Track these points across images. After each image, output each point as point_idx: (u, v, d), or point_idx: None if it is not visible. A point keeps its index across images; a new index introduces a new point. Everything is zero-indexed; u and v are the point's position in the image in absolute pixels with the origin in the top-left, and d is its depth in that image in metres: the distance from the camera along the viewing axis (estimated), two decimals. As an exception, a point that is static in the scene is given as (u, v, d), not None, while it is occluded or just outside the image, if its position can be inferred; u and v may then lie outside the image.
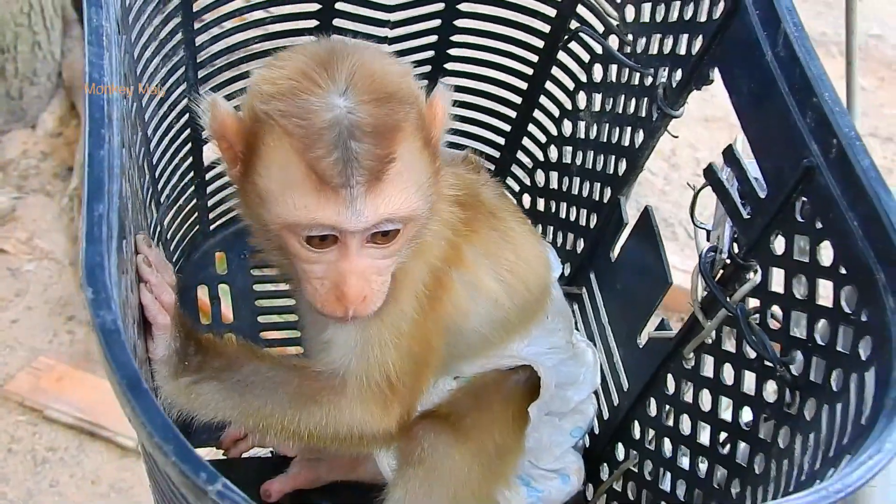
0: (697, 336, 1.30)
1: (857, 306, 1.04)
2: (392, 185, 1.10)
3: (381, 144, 1.08)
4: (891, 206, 1.02)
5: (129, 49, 1.30)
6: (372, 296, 1.16)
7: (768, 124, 1.18)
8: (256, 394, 1.26)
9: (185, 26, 1.47)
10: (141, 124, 1.40)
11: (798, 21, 1.16)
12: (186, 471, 0.79)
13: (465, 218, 1.32)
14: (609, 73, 1.54)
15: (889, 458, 0.89)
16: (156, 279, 1.17)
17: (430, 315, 1.30)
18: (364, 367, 1.27)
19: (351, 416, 1.28)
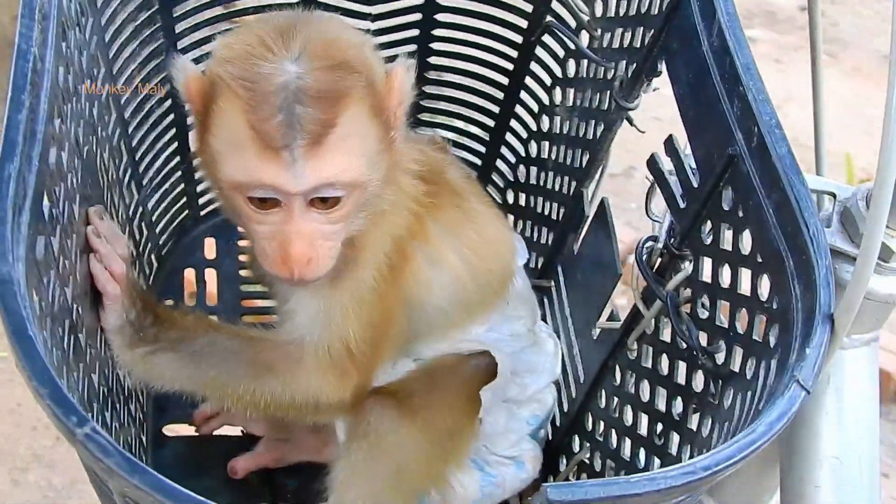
0: (638, 326, 1.31)
1: (770, 294, 1.05)
2: (333, 150, 1.12)
3: (325, 110, 1.11)
4: (801, 192, 1.02)
5: (98, 32, 1.35)
6: (317, 260, 1.18)
7: (701, 113, 1.19)
8: (212, 363, 1.29)
9: (164, 13, 1.51)
10: (116, 106, 1.45)
11: (732, 10, 1.17)
12: (59, 413, 0.82)
13: (428, 192, 1.34)
14: (580, 68, 1.56)
15: (755, 443, 0.89)
16: (105, 249, 1.21)
17: (391, 285, 1.32)
18: (324, 335, 1.29)
19: (307, 384, 1.31)
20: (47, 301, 0.99)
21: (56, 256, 1.04)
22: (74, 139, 1.16)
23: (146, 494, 0.80)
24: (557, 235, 1.61)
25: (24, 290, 0.89)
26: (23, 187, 0.94)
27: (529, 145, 1.73)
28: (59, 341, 1.02)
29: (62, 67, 1.10)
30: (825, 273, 0.98)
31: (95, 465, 0.82)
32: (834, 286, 0.98)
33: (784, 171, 1.04)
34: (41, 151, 0.98)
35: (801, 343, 0.96)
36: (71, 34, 1.18)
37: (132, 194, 1.56)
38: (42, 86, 1.01)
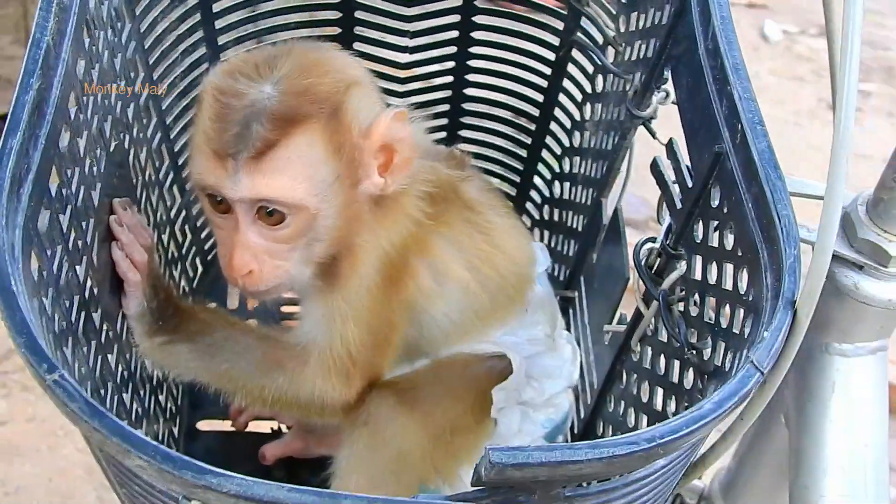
0: (639, 326, 1.32)
1: (746, 286, 1.06)
2: (273, 169, 1.19)
3: (274, 130, 1.18)
4: (776, 185, 1.04)
5: (136, 38, 1.43)
6: (259, 274, 1.25)
7: (696, 115, 1.21)
8: (225, 357, 1.36)
9: (206, 25, 1.59)
10: (157, 110, 1.53)
11: (726, 14, 1.19)
12: (32, 361, 0.88)
13: (436, 212, 1.39)
14: (607, 83, 1.59)
15: (702, 419, 0.90)
16: (127, 238, 1.28)
17: (392, 295, 1.37)
18: (326, 338, 1.35)
19: (312, 385, 1.36)
20: (49, 271, 1.05)
21: (65, 233, 1.10)
22: (98, 131, 1.23)
23: (105, 438, 0.85)
24: (580, 246, 1.63)
25: (17, 253, 0.95)
26: (25, 161, 1.00)
27: (563, 161, 1.77)
28: (64, 312, 1.08)
29: (83, 61, 1.17)
30: (792, 262, 0.98)
31: (62, 410, 0.87)
32: (799, 275, 0.98)
33: (762, 164, 1.05)
34: (49, 132, 1.04)
35: (763, 329, 0.97)
36: (99, 33, 1.25)
37: (174, 197, 1.64)
38: (56, 73, 1.08)
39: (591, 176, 1.61)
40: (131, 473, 0.96)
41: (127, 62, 1.39)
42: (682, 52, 1.27)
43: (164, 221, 1.59)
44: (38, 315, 0.97)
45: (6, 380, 2.69)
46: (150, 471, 0.84)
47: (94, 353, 1.19)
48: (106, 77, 1.28)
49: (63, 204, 1.10)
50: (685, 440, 0.90)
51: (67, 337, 1.09)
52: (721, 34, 1.17)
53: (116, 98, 1.33)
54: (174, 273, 1.66)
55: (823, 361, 1.25)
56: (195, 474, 0.83)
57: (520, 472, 0.86)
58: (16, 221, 0.97)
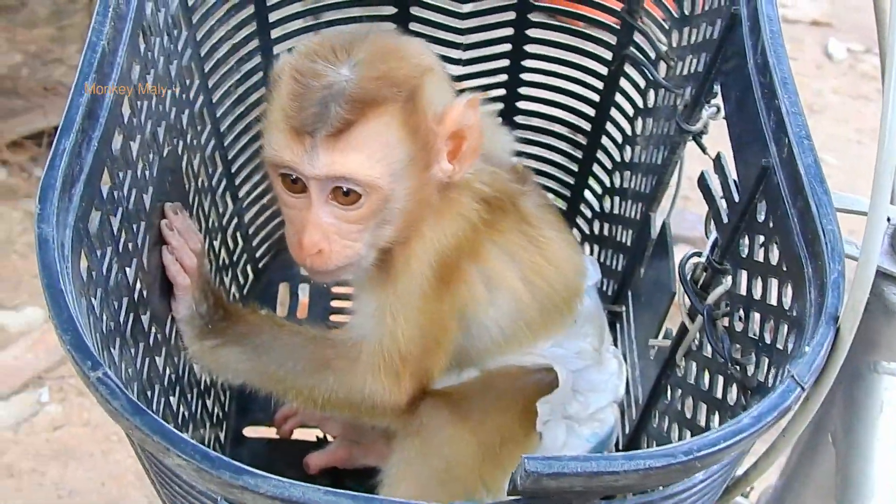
0: (684, 341, 1.31)
1: (791, 301, 1.05)
2: (351, 147, 1.22)
3: (352, 110, 1.20)
4: (822, 199, 1.03)
5: (192, 45, 1.46)
6: (328, 254, 1.27)
7: (744, 129, 1.20)
8: (273, 358, 1.37)
9: (262, 35, 1.61)
10: (211, 119, 1.56)
11: (776, 28, 1.18)
12: (77, 358, 0.89)
13: (491, 218, 1.40)
14: (658, 97, 1.58)
15: (741, 433, 0.89)
16: (177, 242, 1.31)
17: (444, 297, 1.38)
18: (377, 335, 1.35)
19: (362, 384, 1.37)
20: (99, 272, 1.07)
21: (116, 235, 1.13)
22: (151, 135, 1.26)
23: (146, 436, 0.86)
24: (628, 260, 1.63)
25: (67, 252, 0.97)
26: (78, 162, 1.02)
27: (614, 176, 1.76)
28: (112, 313, 1.10)
29: (138, 66, 1.19)
30: (836, 277, 0.97)
31: (105, 408, 0.89)
32: (843, 290, 0.97)
33: (808, 179, 1.04)
34: (102, 135, 1.07)
35: (805, 344, 0.96)
36: (155, 40, 1.27)
37: (226, 204, 1.66)
38: (110, 77, 1.11)
39: (640, 191, 1.60)
40: (171, 474, 0.97)
41: (182, 69, 1.41)
42: (731, 67, 1.27)
43: (216, 228, 1.61)
44: (85, 314, 0.99)
45: (63, 384, 2.73)
46: (188, 470, 0.86)
47: (141, 355, 1.21)
48: (161, 83, 1.31)
49: (114, 206, 1.13)
50: (723, 454, 0.89)
51: (115, 338, 1.11)
52: (770, 49, 1.16)
53: (171, 104, 1.35)
54: (224, 279, 1.68)
55: (871, 380, 1.24)
56: (233, 474, 0.84)
57: (556, 481, 0.86)
58: (67, 221, 0.99)
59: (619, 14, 1.63)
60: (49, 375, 2.75)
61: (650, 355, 1.47)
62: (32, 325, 2.88)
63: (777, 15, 1.20)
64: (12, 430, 2.62)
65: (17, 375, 2.73)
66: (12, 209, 3.25)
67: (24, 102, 3.43)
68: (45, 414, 2.67)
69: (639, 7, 1.60)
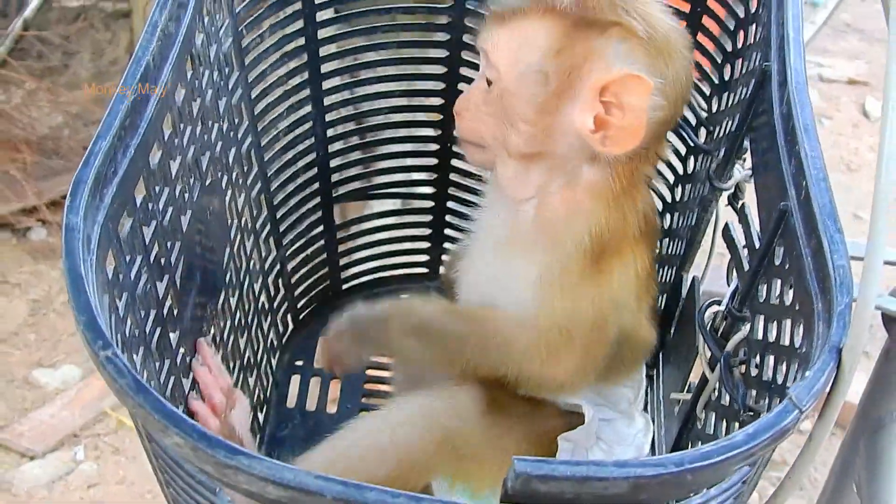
0: (704, 391, 1.31)
1: (801, 339, 1.06)
2: (501, 31, 1.32)
3: (529, 8, 1.31)
4: (834, 237, 1.04)
5: (244, 86, 1.52)
6: (464, 120, 1.40)
7: (766, 176, 1.22)
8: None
9: (313, 83, 1.67)
10: (259, 161, 1.61)
11: (801, 79, 1.20)
12: (89, 338, 0.92)
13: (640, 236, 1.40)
14: (697, 162, 1.61)
15: (733, 449, 0.89)
16: (208, 379, 1.35)
17: (601, 282, 1.36)
18: (540, 309, 1.35)
19: (524, 361, 1.37)
20: (126, 276, 1.11)
21: (147, 246, 1.17)
22: (193, 161, 1.31)
23: (147, 414, 0.89)
24: (660, 322, 1.63)
25: (93, 246, 1.02)
26: (112, 165, 1.07)
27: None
28: (137, 320, 1.14)
29: (183, 90, 1.25)
30: (842, 309, 0.98)
31: (111, 387, 0.92)
32: (848, 322, 0.97)
33: (822, 217, 1.05)
34: (139, 143, 1.12)
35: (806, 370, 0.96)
36: (204, 70, 1.33)
37: (269, 249, 1.70)
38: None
39: (675, 254, 1.61)
40: (174, 463, 0.99)
41: (232, 107, 1.46)
42: (760, 122, 1.29)
43: (257, 271, 1.65)
44: (106, 309, 1.02)
45: (98, 442, 2.78)
46: (185, 448, 0.87)
47: (166, 372, 1.23)
48: (208, 115, 1.36)
49: (147, 216, 1.17)
50: (716, 468, 0.89)
51: (139, 346, 1.14)
52: (795, 98, 1.18)
53: (217, 137, 1.40)
54: (263, 325, 1.71)
55: (893, 429, 1.23)
56: (227, 454, 0.86)
57: (545, 484, 0.86)
58: (96, 217, 1.04)
59: (663, 82, 1.66)
60: (85, 433, 2.81)
61: (674, 411, 1.47)
62: (69, 384, 2.94)
63: (804, 67, 1.22)
64: (47, 489, 2.65)
65: (53, 433, 2.78)
66: (51, 268, 3.35)
67: (64, 163, 3.55)
68: (80, 472, 2.70)
69: (681, 75, 1.62)
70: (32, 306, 3.24)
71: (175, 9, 1.24)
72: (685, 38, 1.37)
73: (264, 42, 1.55)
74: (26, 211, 3.49)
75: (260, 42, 1.54)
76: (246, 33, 1.50)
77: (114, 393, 0.92)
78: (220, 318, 1.44)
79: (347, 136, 1.78)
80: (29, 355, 3.06)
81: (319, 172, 1.75)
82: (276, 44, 1.58)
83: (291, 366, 1.84)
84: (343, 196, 1.83)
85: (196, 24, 1.29)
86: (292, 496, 0.85)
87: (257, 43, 1.53)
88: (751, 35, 1.42)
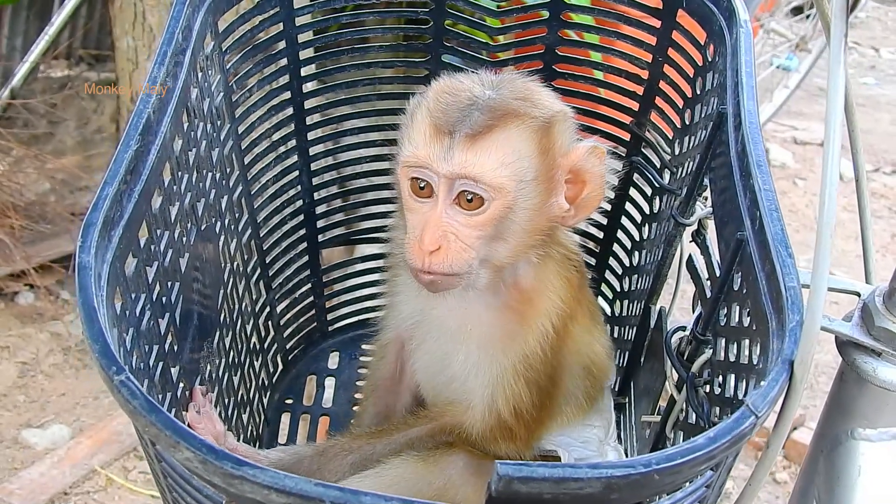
0: (672, 412, 1.40)
1: (759, 356, 1.14)
2: (486, 149, 1.31)
3: (492, 117, 1.32)
4: (786, 261, 1.12)
5: (234, 138, 1.61)
6: (447, 253, 1.33)
7: (724, 210, 1.31)
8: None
9: (299, 135, 1.76)
10: (249, 209, 1.70)
11: (754, 120, 1.30)
12: (103, 364, 1.00)
13: (577, 282, 1.50)
14: (662, 201, 1.70)
15: (694, 452, 0.97)
16: (202, 427, 1.41)
17: (556, 351, 1.45)
18: (491, 397, 1.44)
19: (481, 441, 1.48)
20: (132, 312, 1.19)
21: (150, 285, 1.25)
22: (190, 207, 1.39)
23: (159, 431, 0.96)
24: (631, 353, 1.72)
25: (103, 283, 1.09)
26: (119, 209, 1.16)
27: (623, 280, 1.87)
28: (142, 353, 1.22)
29: (180, 140, 1.34)
30: (793, 326, 1.06)
31: (125, 408, 0.99)
32: (799, 337, 1.06)
33: (775, 245, 1.14)
34: (143, 190, 1.20)
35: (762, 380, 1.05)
36: (199, 123, 1.42)
37: (260, 291, 1.79)
38: (154, 141, 1.25)
39: (641, 289, 1.71)
40: (182, 480, 1.06)
41: (223, 157, 1.55)
42: (718, 162, 1.39)
43: (249, 313, 1.73)
44: (115, 340, 1.10)
45: (87, 500, 2.85)
46: (195, 462, 0.95)
47: (168, 404, 1.31)
48: (203, 164, 1.45)
49: (150, 258, 1.25)
50: (680, 469, 0.97)
51: (144, 378, 1.22)
52: (749, 138, 1.28)
53: (211, 185, 1.49)
54: (255, 364, 1.79)
55: (849, 446, 1.31)
56: (234, 465, 0.93)
57: (525, 485, 0.94)
58: (105, 257, 1.11)
59: (629, 127, 1.76)
60: (74, 491, 2.86)
61: (645, 434, 1.55)
62: (58, 443, 3.00)
63: (756, 109, 1.32)
64: (37, 547, 2.70)
65: (43, 492, 2.82)
66: (39, 331, 3.41)
67: (52, 227, 3.63)
68: (70, 530, 2.75)
69: (646, 120, 1.73)
70: (21, 368, 3.30)
71: (172, 66, 1.33)
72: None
73: (253, 96, 1.64)
74: (14, 276, 3.56)
75: (249, 96, 1.63)
76: (236, 88, 1.59)
77: (127, 414, 1.00)
78: (215, 356, 1.51)
79: (331, 184, 1.86)
80: (18, 416, 3.11)
81: (306, 219, 1.84)
82: (263, 97, 1.67)
83: (282, 404, 1.91)
84: (328, 241, 1.92)
85: (191, 80, 1.38)
86: (294, 502, 0.92)
87: (246, 97, 1.62)
88: (709, 81, 1.52)
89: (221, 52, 1.53)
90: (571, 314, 1.46)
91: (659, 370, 1.52)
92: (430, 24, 1.76)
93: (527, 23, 1.77)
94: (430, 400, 1.60)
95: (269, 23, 1.64)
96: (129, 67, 3.44)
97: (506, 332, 1.43)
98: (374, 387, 1.73)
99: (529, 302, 1.42)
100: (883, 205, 4.65)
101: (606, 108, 1.81)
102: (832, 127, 1.08)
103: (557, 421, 1.59)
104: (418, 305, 1.55)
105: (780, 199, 4.45)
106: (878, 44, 7.27)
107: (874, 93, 6.29)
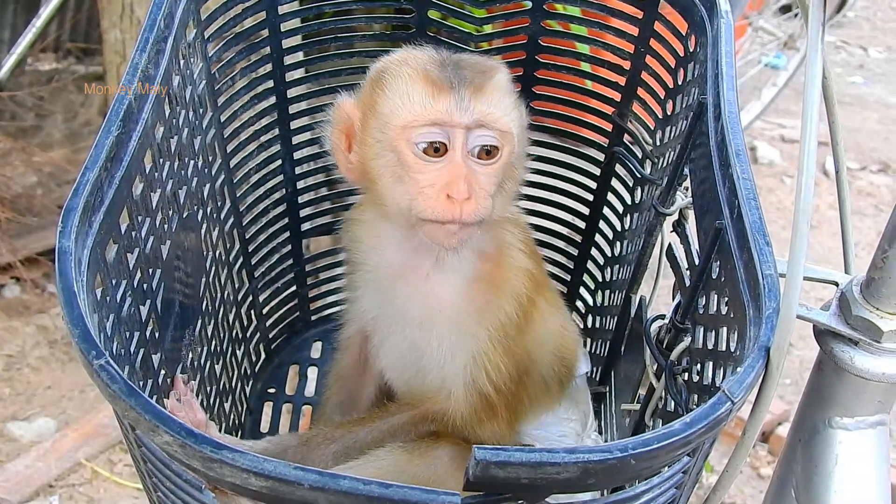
0: (651, 400, 1.41)
1: (736, 344, 1.15)
2: (493, 99, 1.36)
3: (483, 70, 1.37)
4: (763, 249, 1.13)
5: (216, 126, 1.61)
6: (476, 199, 1.33)
7: (703, 199, 1.32)
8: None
9: (282, 123, 1.77)
10: (231, 197, 1.70)
11: (734, 110, 1.31)
12: (83, 348, 1.00)
13: (533, 246, 1.53)
14: (644, 192, 1.71)
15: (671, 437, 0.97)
16: (183, 415, 1.40)
17: (527, 325, 1.47)
18: (470, 377, 1.45)
19: (461, 425, 1.48)
20: (113, 298, 1.18)
21: (131, 271, 1.25)
22: (172, 194, 1.39)
23: (139, 415, 0.96)
24: (611, 342, 1.73)
25: (83, 268, 1.09)
26: (99, 195, 1.16)
27: (605, 270, 1.88)
28: (122, 340, 1.22)
29: (162, 127, 1.34)
30: (770, 313, 1.07)
31: (104, 392, 0.99)
32: (775, 325, 1.07)
33: (753, 233, 1.15)
34: (124, 176, 1.20)
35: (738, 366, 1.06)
36: (181, 111, 1.42)
37: (242, 280, 1.79)
38: (135, 128, 1.25)
39: (623, 279, 1.71)
40: (161, 465, 1.06)
41: (206, 145, 1.55)
42: (698, 152, 1.39)
43: (231, 301, 1.73)
44: (95, 326, 1.10)
45: (73, 492, 2.86)
46: (174, 446, 0.95)
47: (149, 392, 1.31)
48: (185, 151, 1.45)
49: (130, 244, 1.25)
50: (656, 454, 0.97)
51: (124, 365, 1.22)
52: (728, 127, 1.29)
53: (193, 173, 1.49)
54: (238, 353, 1.79)
55: (827, 435, 1.32)
56: (213, 449, 0.93)
57: (503, 470, 0.94)
58: (86, 242, 1.11)
59: (611, 117, 1.77)
60: (60, 483, 2.87)
61: (625, 423, 1.55)
62: (43, 436, 3.01)
63: (736, 98, 1.33)
64: (22, 539, 2.70)
65: (29, 484, 2.83)
66: (25, 324, 3.41)
67: (38, 220, 3.65)
68: (55, 522, 2.76)
69: (628, 110, 1.74)
70: (7, 361, 3.30)
71: (154, 54, 1.33)
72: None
73: (236, 84, 1.64)
74: (0, 268, 3.56)
75: (231, 84, 1.63)
76: (218, 76, 1.59)
77: (107, 398, 1.00)
78: (197, 345, 1.51)
79: (315, 173, 1.87)
80: (4, 409, 3.12)
81: (289, 208, 1.84)
82: (246, 86, 1.68)
83: (264, 393, 1.92)
84: (311, 231, 1.92)
85: (173, 67, 1.38)
86: (273, 486, 0.92)
87: (229, 85, 1.62)
88: (690, 72, 1.52)
89: (204, 40, 1.54)
90: (539, 279, 1.50)
91: (639, 359, 1.53)
92: (413, 14, 1.76)
93: (511, 13, 1.77)
94: (401, 393, 1.60)
95: (252, 11, 1.63)
96: (116, 60, 3.44)
97: (478, 304, 1.44)
98: (338, 376, 1.75)
99: (498, 267, 1.44)
100: (869, 203, 4.67)
101: (589, 98, 1.81)
102: (808, 115, 1.08)
103: (535, 405, 1.60)
104: (376, 299, 1.56)
105: (768, 197, 4.48)
106: (867, 43, 7.28)
107: (862, 92, 6.31)
